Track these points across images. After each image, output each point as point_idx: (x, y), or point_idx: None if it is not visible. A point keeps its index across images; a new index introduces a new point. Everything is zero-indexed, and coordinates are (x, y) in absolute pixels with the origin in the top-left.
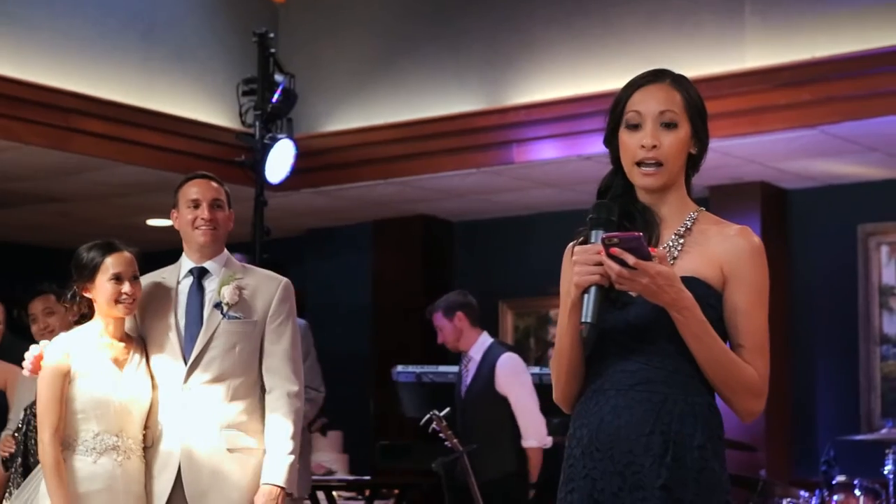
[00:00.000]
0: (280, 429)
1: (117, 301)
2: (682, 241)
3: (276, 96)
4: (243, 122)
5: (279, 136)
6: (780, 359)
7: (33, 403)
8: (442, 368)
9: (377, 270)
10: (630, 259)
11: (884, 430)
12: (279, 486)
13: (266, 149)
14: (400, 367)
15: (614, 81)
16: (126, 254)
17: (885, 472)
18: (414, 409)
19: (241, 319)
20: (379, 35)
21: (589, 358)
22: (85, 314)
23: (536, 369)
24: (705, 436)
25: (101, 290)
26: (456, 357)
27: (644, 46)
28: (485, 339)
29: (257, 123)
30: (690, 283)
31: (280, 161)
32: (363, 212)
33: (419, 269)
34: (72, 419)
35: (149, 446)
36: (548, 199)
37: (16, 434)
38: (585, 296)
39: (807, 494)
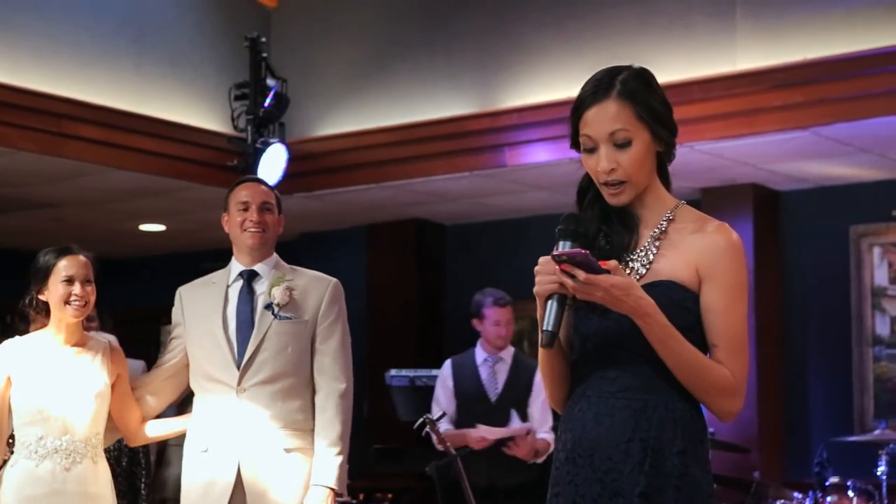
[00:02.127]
0: (329, 429)
1: (67, 302)
2: (657, 243)
3: (268, 101)
4: (235, 127)
5: (271, 140)
6: (774, 360)
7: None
8: (435, 372)
9: (371, 274)
10: (580, 275)
11: (877, 432)
12: (329, 488)
13: (258, 153)
14: (393, 371)
15: None
16: (80, 257)
17: (879, 474)
18: (408, 412)
19: (293, 320)
20: (371, 39)
21: (574, 363)
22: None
23: None
24: (686, 441)
25: (53, 291)
26: None
27: (635, 49)
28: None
29: (249, 128)
30: (666, 287)
31: (272, 165)
32: (356, 216)
33: (413, 273)
34: (17, 423)
35: (203, 451)
36: (540, 202)
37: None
38: (548, 304)
39: (800, 496)
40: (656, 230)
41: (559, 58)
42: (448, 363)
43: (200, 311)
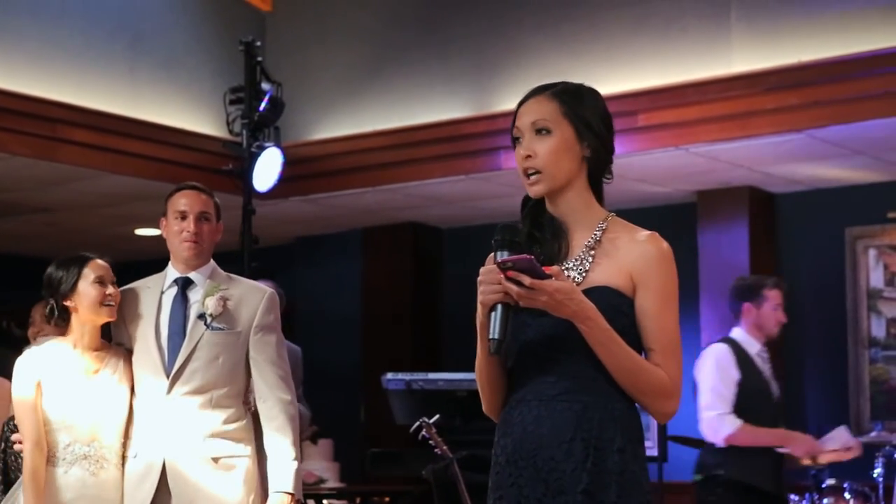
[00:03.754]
0: (281, 436)
1: (102, 303)
2: (592, 252)
3: (263, 104)
4: (230, 131)
5: (266, 144)
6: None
7: (11, 418)
8: (432, 376)
9: (367, 278)
10: (526, 280)
11: (873, 434)
12: (290, 493)
13: (253, 157)
14: (390, 375)
15: (602, 87)
16: (102, 261)
17: (875, 476)
18: (404, 416)
19: (225, 330)
20: (366, 42)
21: (511, 369)
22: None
23: None
24: (625, 439)
25: (86, 295)
26: (447, 365)
27: (631, 52)
28: None
29: (244, 132)
30: (603, 292)
31: (267, 169)
32: (352, 219)
33: (409, 276)
34: (45, 431)
35: (133, 457)
36: None
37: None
38: (492, 313)
39: (797, 498)
40: (591, 240)
41: (555, 61)
42: (724, 348)
43: (135, 317)
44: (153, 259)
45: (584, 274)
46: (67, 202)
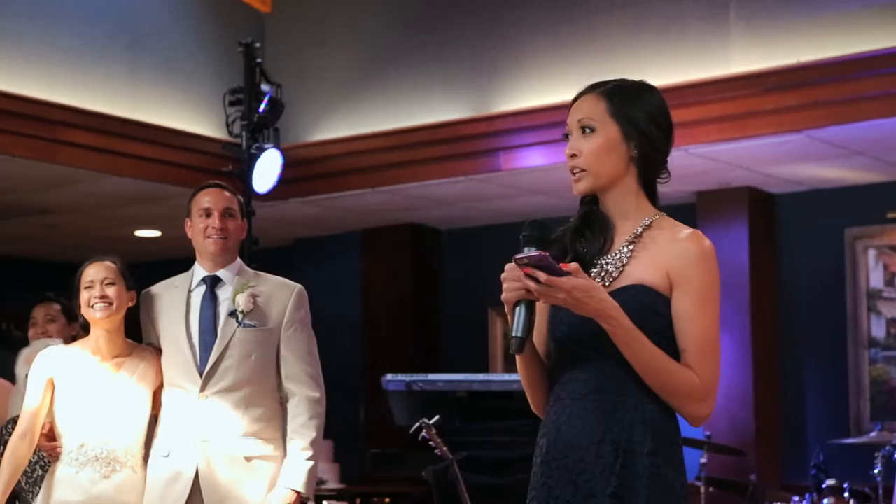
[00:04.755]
0: (301, 434)
1: (90, 305)
2: (631, 247)
3: (262, 106)
4: (230, 133)
5: (266, 145)
6: (769, 363)
7: (11, 420)
8: (432, 377)
9: (366, 279)
10: (542, 276)
11: (873, 434)
12: (297, 491)
13: (253, 159)
14: (389, 376)
15: None
16: (101, 262)
17: (875, 476)
18: (404, 417)
19: (257, 327)
20: (365, 44)
21: (552, 367)
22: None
23: None
24: (656, 442)
25: (82, 300)
26: (447, 366)
27: (629, 53)
28: None
29: (244, 133)
30: (638, 291)
31: (267, 171)
32: (352, 221)
33: (408, 277)
34: (59, 430)
35: (165, 456)
36: (535, 206)
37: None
38: (516, 310)
39: (797, 498)
40: (631, 234)
41: (553, 62)
42: None
43: (163, 316)
44: (153, 261)
45: (620, 268)
46: (67, 204)
